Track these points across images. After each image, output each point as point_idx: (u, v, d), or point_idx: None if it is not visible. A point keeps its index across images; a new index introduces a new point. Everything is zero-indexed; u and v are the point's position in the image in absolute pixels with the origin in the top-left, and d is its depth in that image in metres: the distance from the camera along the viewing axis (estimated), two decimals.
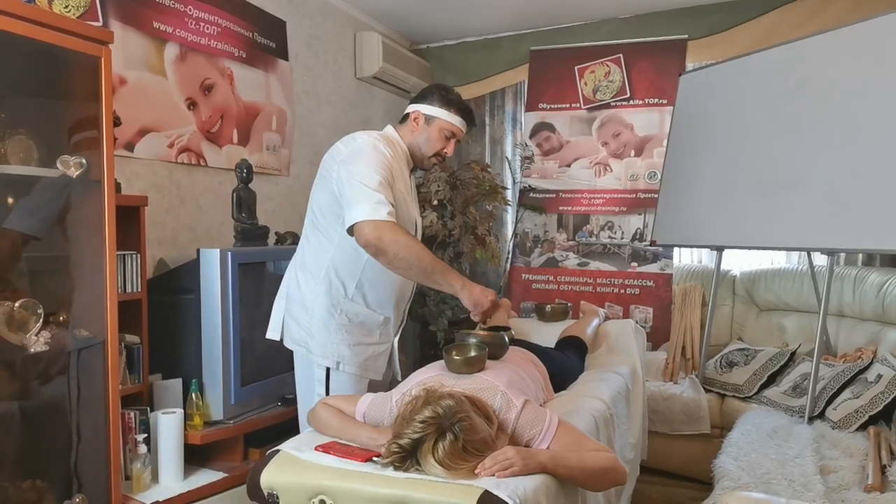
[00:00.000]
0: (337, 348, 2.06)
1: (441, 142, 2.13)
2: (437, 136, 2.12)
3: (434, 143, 2.12)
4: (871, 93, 2.68)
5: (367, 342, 2.10)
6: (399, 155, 2.10)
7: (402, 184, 2.07)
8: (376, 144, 2.01)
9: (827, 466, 2.25)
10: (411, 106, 2.17)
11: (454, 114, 2.12)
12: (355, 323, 2.07)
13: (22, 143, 1.89)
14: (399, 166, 2.07)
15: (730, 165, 3.33)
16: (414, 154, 2.16)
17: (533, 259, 4.37)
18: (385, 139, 2.08)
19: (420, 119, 2.12)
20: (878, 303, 3.23)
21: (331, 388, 2.07)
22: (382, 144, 2.02)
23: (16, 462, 1.91)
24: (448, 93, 2.15)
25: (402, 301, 2.20)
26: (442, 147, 2.13)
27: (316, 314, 2.07)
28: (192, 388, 2.37)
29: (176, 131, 2.86)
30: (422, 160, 2.17)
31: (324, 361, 2.07)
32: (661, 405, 3.29)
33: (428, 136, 2.12)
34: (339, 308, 2.06)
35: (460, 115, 2.13)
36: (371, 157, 1.95)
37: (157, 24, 2.77)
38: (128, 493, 2.15)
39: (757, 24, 3.85)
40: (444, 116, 2.11)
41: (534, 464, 1.56)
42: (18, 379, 1.92)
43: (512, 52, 4.54)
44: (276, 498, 1.60)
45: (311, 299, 2.08)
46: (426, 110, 2.12)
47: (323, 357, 2.07)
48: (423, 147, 2.13)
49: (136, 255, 2.31)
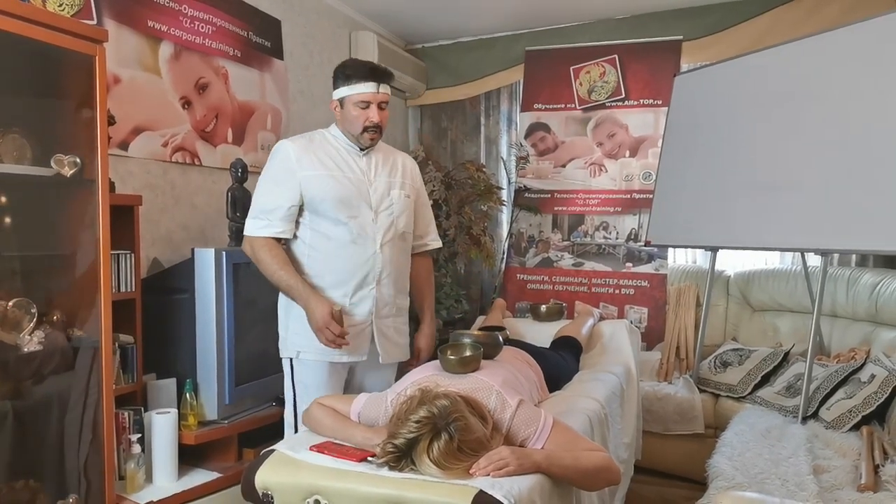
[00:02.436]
0: (295, 339, 2.15)
1: (361, 115, 2.12)
2: (354, 113, 2.12)
3: (354, 120, 2.13)
4: (866, 94, 2.69)
5: None
6: (333, 146, 2.19)
7: (334, 164, 2.14)
8: (282, 146, 2.15)
9: (820, 466, 2.26)
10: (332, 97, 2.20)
11: (356, 83, 2.11)
12: None
13: (15, 142, 1.88)
14: (334, 154, 2.17)
15: (724, 166, 3.34)
16: (350, 138, 2.19)
17: (528, 259, 4.37)
18: (308, 136, 2.21)
19: (336, 106, 2.17)
20: (871, 303, 3.24)
21: (295, 378, 2.17)
22: (293, 142, 2.15)
23: (9, 462, 1.90)
24: (345, 68, 2.15)
25: (370, 278, 2.16)
26: (364, 119, 2.12)
27: (280, 311, 2.22)
28: (187, 387, 2.37)
29: (170, 130, 2.85)
30: (357, 140, 2.17)
31: (286, 353, 2.19)
32: (655, 405, 3.29)
33: (348, 117, 2.14)
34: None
35: (363, 79, 2.11)
36: (272, 168, 2.14)
37: (152, 23, 2.76)
38: (121, 493, 2.14)
39: (752, 25, 3.86)
40: (349, 91, 2.11)
41: (528, 463, 1.56)
42: (11, 379, 1.91)
43: (507, 52, 4.54)
44: (271, 498, 1.60)
45: (279, 298, 2.22)
46: (336, 95, 2.16)
47: (285, 350, 2.20)
48: (350, 128, 2.15)
49: (130, 254, 2.30)
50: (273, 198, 2.11)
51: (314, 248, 2.14)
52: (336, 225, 2.12)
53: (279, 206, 2.10)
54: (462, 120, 4.83)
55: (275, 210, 2.10)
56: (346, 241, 2.13)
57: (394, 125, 4.74)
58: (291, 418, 2.19)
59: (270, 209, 2.10)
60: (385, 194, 2.21)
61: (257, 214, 2.12)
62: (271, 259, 2.08)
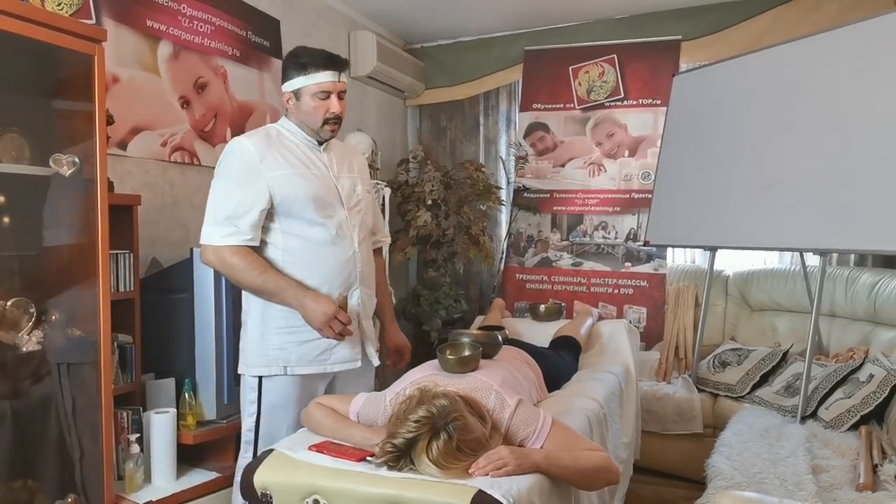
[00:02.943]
0: (279, 354, 1.98)
1: (321, 107, 2.00)
2: (313, 104, 1.99)
3: (314, 113, 2.00)
4: (865, 94, 2.69)
5: (316, 336, 1.97)
6: (291, 142, 2.03)
7: (296, 163, 1.99)
8: (240, 144, 1.96)
9: (819, 466, 2.26)
10: (282, 89, 2.06)
11: (314, 73, 1.98)
12: (294, 322, 1.96)
13: (14, 142, 1.88)
14: (293, 150, 2.01)
15: (723, 166, 3.34)
16: (306, 132, 2.05)
17: (527, 259, 4.37)
18: (264, 132, 2.03)
19: (291, 98, 2.02)
20: (869, 303, 3.25)
21: (263, 397, 1.99)
22: (251, 140, 1.97)
23: (7, 462, 1.90)
24: (298, 57, 2.00)
25: (353, 278, 2.07)
26: (325, 110, 2.00)
27: (249, 323, 2.02)
28: (185, 387, 2.36)
29: (169, 130, 2.85)
30: (317, 133, 2.05)
31: (263, 370, 1.98)
32: (654, 405, 3.30)
33: (306, 109, 2.01)
34: (273, 308, 1.98)
35: (321, 69, 1.98)
36: (232, 168, 1.95)
37: (151, 23, 2.76)
38: (120, 492, 2.14)
39: (751, 24, 3.86)
40: (306, 82, 1.98)
41: (527, 463, 1.56)
42: (10, 378, 1.91)
43: (506, 51, 4.54)
44: (270, 498, 1.60)
45: (245, 309, 2.04)
46: (289, 87, 2.01)
47: (264, 367, 1.98)
48: (309, 121, 2.02)
49: (128, 254, 2.29)
50: (238, 202, 1.92)
51: (290, 252, 1.98)
52: (312, 226, 1.99)
53: (247, 211, 1.91)
54: (461, 119, 4.83)
55: (243, 216, 1.91)
56: (325, 242, 2.00)
57: (393, 125, 4.74)
58: (252, 436, 2.02)
59: (237, 215, 1.91)
60: (352, 190, 2.11)
61: (220, 221, 1.91)
62: (248, 264, 1.90)
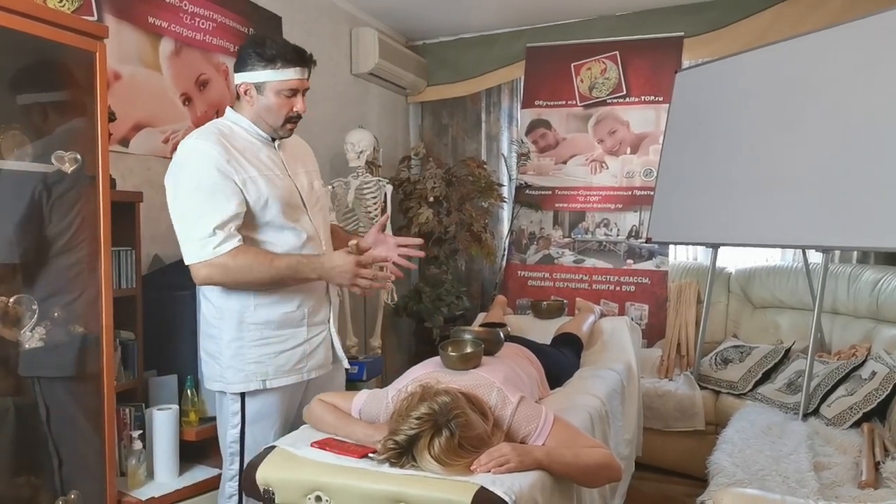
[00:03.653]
0: (257, 367, 1.86)
1: (285, 104, 1.85)
2: (277, 101, 1.84)
3: (277, 110, 1.85)
4: (868, 90, 2.69)
5: (292, 345, 1.90)
6: (243, 137, 1.87)
7: (259, 165, 1.85)
8: (199, 149, 1.79)
9: (821, 463, 2.26)
10: (236, 77, 1.87)
11: (282, 68, 1.82)
12: (269, 332, 1.87)
13: (16, 139, 1.88)
14: (250, 149, 1.86)
15: (725, 163, 3.33)
16: (262, 128, 1.89)
17: (529, 256, 4.37)
18: (217, 131, 1.84)
19: (250, 90, 1.84)
20: (872, 300, 3.24)
21: (247, 416, 1.88)
22: (209, 142, 1.79)
23: (10, 458, 1.90)
24: (263, 46, 1.82)
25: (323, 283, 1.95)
26: (289, 108, 1.86)
27: (224, 339, 1.87)
28: (188, 384, 2.37)
29: (171, 127, 2.85)
30: (275, 131, 1.90)
31: (242, 387, 1.86)
32: (655, 402, 3.30)
33: (267, 105, 1.85)
34: (248, 321, 1.86)
35: (291, 64, 1.83)
36: (197, 176, 1.76)
37: (152, 19, 2.76)
38: (123, 489, 2.15)
39: (754, 21, 3.85)
40: (273, 77, 1.82)
41: (529, 460, 1.56)
42: (13, 375, 1.92)
43: (508, 48, 4.54)
44: (272, 494, 1.60)
45: (216, 325, 1.89)
46: (251, 78, 1.83)
47: (243, 382, 1.86)
48: (268, 118, 1.87)
49: (130, 250, 2.30)
50: (218, 209, 1.74)
51: None
52: (281, 231, 1.86)
53: (231, 215, 1.76)
54: (463, 116, 4.82)
55: (229, 221, 1.75)
56: (296, 247, 1.88)
57: (395, 122, 4.74)
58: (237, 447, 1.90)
59: (224, 221, 1.74)
60: (310, 189, 1.99)
61: (207, 234, 1.73)
62: (254, 258, 1.77)
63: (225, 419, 1.93)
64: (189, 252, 1.77)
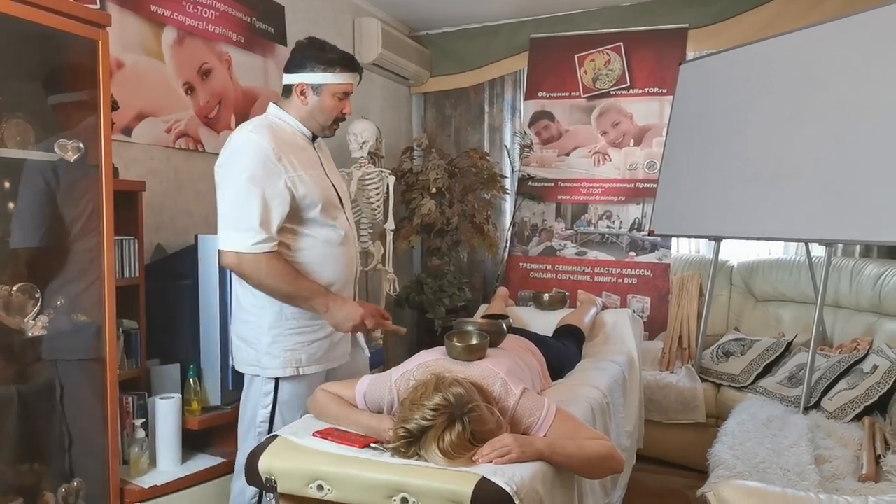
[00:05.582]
0: (293, 355, 1.95)
1: (337, 106, 2.00)
2: (331, 103, 1.99)
3: (330, 111, 2.00)
4: (872, 84, 2.67)
5: (323, 335, 1.99)
6: (291, 135, 1.98)
7: (305, 163, 1.94)
8: (253, 141, 1.86)
9: (822, 456, 2.26)
10: (290, 77, 1.99)
11: (341, 72, 1.97)
12: (304, 321, 1.95)
13: (19, 127, 1.88)
14: (296, 147, 1.95)
15: (729, 156, 3.32)
16: (310, 127, 2.02)
17: (531, 248, 4.36)
18: (269, 126, 1.92)
19: (307, 91, 1.97)
20: (874, 294, 3.24)
21: (279, 399, 1.96)
22: (262, 136, 1.87)
23: (14, 446, 1.91)
24: (325, 51, 1.97)
25: (352, 275, 2.10)
26: (339, 110, 2.01)
27: (264, 326, 1.95)
28: (190, 373, 2.37)
29: (174, 116, 2.84)
30: (322, 130, 2.04)
31: (279, 372, 1.95)
32: (657, 394, 3.30)
33: (321, 105, 1.98)
34: (287, 310, 1.93)
35: (347, 69, 1.99)
36: (249, 168, 1.83)
37: (155, 8, 2.75)
38: (126, 477, 2.16)
39: (759, 13, 3.83)
40: (332, 80, 1.97)
41: (531, 451, 1.56)
42: (16, 363, 1.92)
43: (512, 39, 4.52)
44: (274, 483, 1.61)
45: (256, 312, 1.96)
46: (310, 79, 1.96)
47: (280, 368, 1.94)
48: (320, 118, 2.00)
49: (133, 240, 2.30)
50: (263, 206, 1.83)
51: (302, 253, 1.95)
52: (322, 227, 1.96)
53: (274, 215, 1.84)
54: (466, 108, 4.81)
55: (271, 221, 1.84)
56: (336, 243, 1.99)
57: (397, 112, 4.73)
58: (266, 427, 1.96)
59: (266, 220, 1.83)
60: (343, 188, 2.12)
61: (249, 227, 1.81)
62: (281, 270, 1.85)
63: (255, 400, 1.99)
64: (227, 238, 1.85)
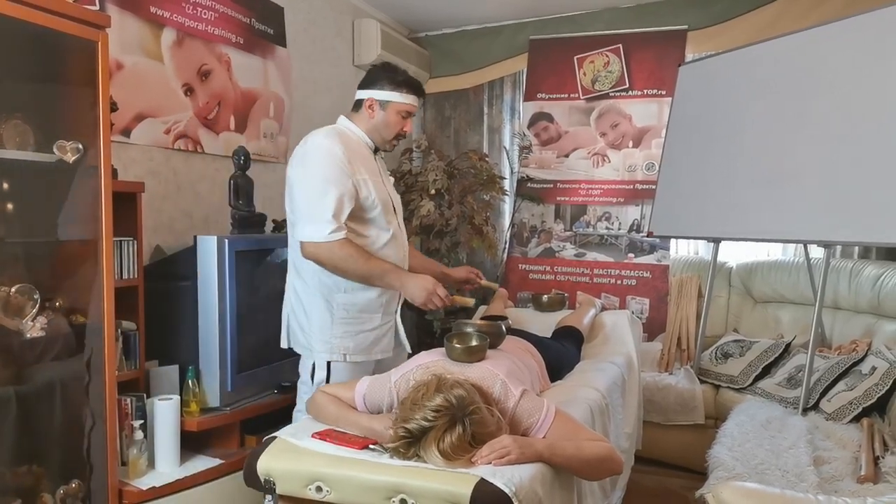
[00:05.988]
0: (340, 342, 2.11)
1: (399, 123, 2.18)
2: (395, 119, 2.17)
3: (393, 127, 2.18)
4: (871, 85, 2.68)
5: (368, 328, 2.15)
6: (357, 144, 2.16)
7: (368, 169, 2.12)
8: (326, 146, 2.04)
9: (820, 457, 2.26)
10: (362, 92, 2.19)
11: (406, 94, 2.16)
12: (353, 313, 2.12)
13: (18, 128, 1.87)
14: (361, 155, 2.13)
15: (728, 157, 3.33)
16: (374, 139, 2.20)
17: (530, 249, 4.37)
18: (339, 134, 2.11)
19: (375, 106, 2.15)
20: (873, 295, 3.24)
21: (332, 377, 2.11)
22: (334, 142, 2.05)
23: (12, 447, 1.91)
24: (395, 73, 2.18)
25: None
26: (401, 127, 2.19)
27: (314, 314, 2.13)
28: (189, 374, 2.37)
29: (173, 117, 2.84)
30: (383, 144, 2.22)
31: (328, 357, 2.11)
32: (656, 395, 3.30)
33: (386, 120, 2.16)
34: (336, 302, 2.10)
35: (412, 92, 2.18)
36: (323, 168, 2.02)
37: (155, 9, 2.74)
38: (124, 478, 2.15)
39: (758, 14, 3.83)
40: (398, 99, 2.15)
41: (530, 452, 1.56)
42: (14, 364, 1.92)
43: (511, 40, 4.52)
44: (273, 484, 1.61)
45: (307, 301, 2.14)
46: (379, 96, 2.15)
47: (328, 353, 2.11)
48: (383, 132, 2.18)
49: (132, 241, 2.29)
50: (336, 201, 2.00)
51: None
52: (378, 229, 2.14)
53: (343, 208, 2.02)
54: (465, 109, 4.81)
55: (341, 213, 2.02)
56: (388, 243, 2.16)
57: None
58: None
59: (338, 212, 2.01)
60: (397, 198, 2.29)
61: (326, 219, 1.98)
62: (355, 253, 2.01)
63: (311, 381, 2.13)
64: (305, 231, 2.03)
